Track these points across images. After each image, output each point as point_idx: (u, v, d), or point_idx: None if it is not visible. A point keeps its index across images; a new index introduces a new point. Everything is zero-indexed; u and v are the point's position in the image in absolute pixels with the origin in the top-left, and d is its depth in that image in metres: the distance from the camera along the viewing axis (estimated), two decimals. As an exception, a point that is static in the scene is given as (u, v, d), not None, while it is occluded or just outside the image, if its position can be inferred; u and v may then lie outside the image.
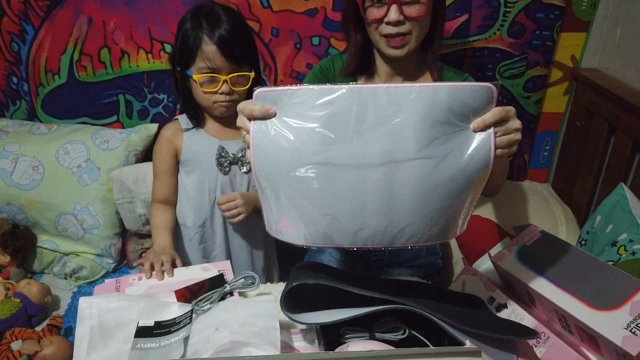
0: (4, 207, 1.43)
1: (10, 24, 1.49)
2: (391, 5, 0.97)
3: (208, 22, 1.08)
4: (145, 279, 0.93)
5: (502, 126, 0.70)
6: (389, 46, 1.03)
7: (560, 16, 1.44)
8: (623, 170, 1.34)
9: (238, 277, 0.89)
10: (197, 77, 1.08)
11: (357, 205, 0.67)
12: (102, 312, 0.78)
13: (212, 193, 1.20)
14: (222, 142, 1.19)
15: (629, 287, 0.87)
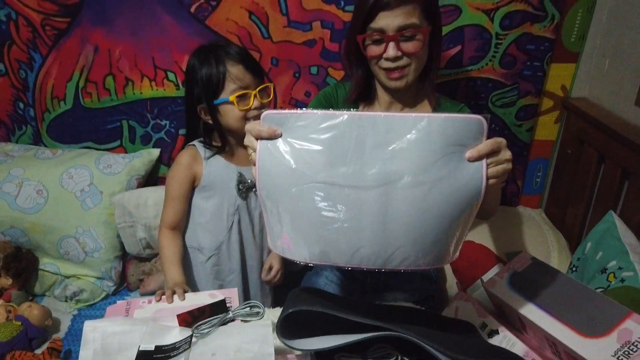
0: (7, 231, 1.45)
1: (19, 52, 1.54)
2: (389, 43, 1.03)
3: (222, 51, 1.16)
4: (155, 302, 0.96)
5: (494, 157, 0.74)
6: (388, 79, 1.08)
7: (550, 48, 1.49)
8: (613, 198, 1.37)
9: (244, 305, 0.91)
10: (233, 97, 1.13)
11: (354, 225, 0.71)
12: (106, 335, 0.80)
13: (230, 217, 1.24)
14: (240, 168, 1.24)
15: (616, 315, 0.89)
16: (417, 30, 1.02)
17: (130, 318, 0.88)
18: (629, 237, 1.23)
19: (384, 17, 1.02)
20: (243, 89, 1.14)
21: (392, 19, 1.01)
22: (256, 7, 1.44)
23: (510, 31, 1.45)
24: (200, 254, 1.26)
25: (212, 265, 1.26)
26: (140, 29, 1.48)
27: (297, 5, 1.43)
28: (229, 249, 1.26)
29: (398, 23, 1.01)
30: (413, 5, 1.02)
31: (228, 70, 1.13)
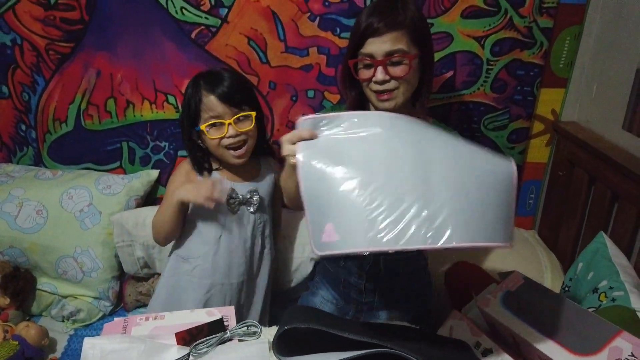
0: (6, 250, 1.47)
1: (23, 76, 1.58)
2: (377, 67, 1.08)
3: (205, 81, 1.21)
4: (152, 319, 0.97)
5: None
6: (378, 100, 1.13)
7: (540, 73, 1.54)
8: (603, 219, 1.40)
9: (241, 324, 0.93)
10: (203, 126, 1.19)
11: (396, 197, 0.77)
12: (105, 353, 0.82)
13: (218, 231, 1.27)
14: (233, 184, 1.28)
15: (607, 334, 0.91)
16: (405, 56, 1.08)
17: (129, 336, 0.89)
18: (620, 258, 1.26)
19: (373, 43, 1.08)
20: (215, 118, 1.18)
21: (380, 45, 1.07)
22: (255, 34, 1.49)
23: (500, 57, 1.50)
24: (187, 263, 1.28)
25: (198, 276, 1.28)
26: (142, 54, 1.52)
27: (295, 31, 1.48)
28: (215, 262, 1.28)
29: (386, 48, 1.07)
30: (401, 32, 1.07)
31: (202, 101, 1.19)
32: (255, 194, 1.30)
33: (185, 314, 1.00)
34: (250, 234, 1.31)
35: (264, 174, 1.35)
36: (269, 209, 1.35)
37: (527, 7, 1.45)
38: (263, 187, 1.33)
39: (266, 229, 1.35)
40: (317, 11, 1.45)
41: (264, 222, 1.34)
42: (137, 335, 0.89)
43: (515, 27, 1.47)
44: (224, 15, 1.47)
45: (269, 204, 1.35)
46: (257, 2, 1.45)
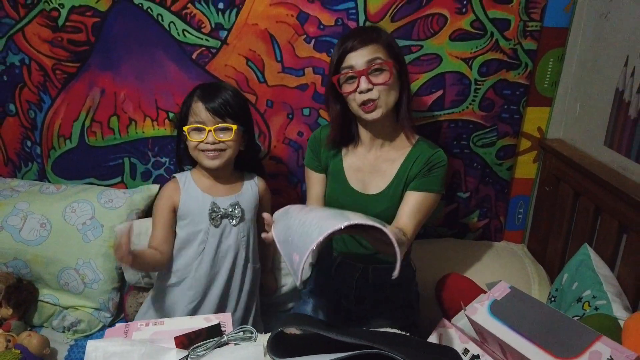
0: (10, 262, 1.51)
1: (30, 94, 1.64)
2: (360, 77, 1.16)
3: (201, 90, 1.31)
4: (152, 325, 1.01)
5: None
6: (364, 112, 1.20)
7: (525, 93, 1.61)
8: (588, 232, 1.45)
9: (237, 329, 0.97)
10: (186, 128, 1.28)
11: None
12: (107, 355, 0.86)
13: (201, 244, 1.32)
14: (215, 198, 1.33)
15: (587, 339, 0.96)
16: (384, 63, 1.16)
17: (130, 339, 0.94)
18: (603, 269, 1.31)
19: (353, 56, 1.18)
20: (198, 123, 1.26)
21: (360, 57, 1.17)
22: (253, 55, 1.56)
23: (487, 77, 1.57)
24: (172, 275, 1.33)
25: (183, 288, 1.33)
26: (145, 74, 1.59)
27: (291, 53, 1.55)
28: (198, 274, 1.33)
29: (365, 58, 1.16)
30: (376, 45, 1.18)
31: (191, 106, 1.28)
32: (236, 207, 1.34)
33: (184, 319, 1.04)
34: (233, 247, 1.35)
35: (247, 188, 1.39)
36: (252, 222, 1.39)
37: (511, 31, 1.53)
38: (245, 200, 1.37)
39: (250, 242, 1.39)
40: (313, 34, 1.53)
41: (247, 235, 1.37)
42: (138, 339, 0.93)
43: (501, 49, 1.54)
44: (224, 37, 1.54)
45: (253, 217, 1.39)
46: (255, 25, 1.52)
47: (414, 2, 1.49)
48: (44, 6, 1.53)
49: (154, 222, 1.34)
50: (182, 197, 1.32)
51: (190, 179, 1.35)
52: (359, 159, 1.32)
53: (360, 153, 1.32)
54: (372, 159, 1.30)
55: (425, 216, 1.27)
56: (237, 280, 1.37)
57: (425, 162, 1.24)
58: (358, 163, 1.32)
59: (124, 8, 1.52)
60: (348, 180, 1.31)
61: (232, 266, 1.35)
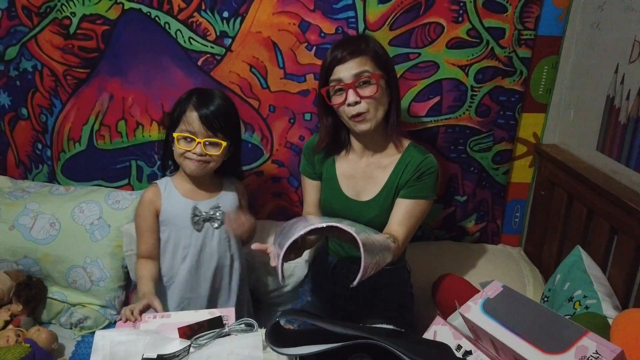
0: (20, 260, 1.56)
1: (41, 99, 1.70)
2: (348, 90, 1.20)
3: (197, 97, 1.30)
4: (159, 318, 1.07)
5: None
6: (354, 124, 1.24)
7: (520, 99, 1.65)
8: (581, 234, 1.49)
9: (238, 322, 1.02)
10: (176, 135, 1.28)
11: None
12: (114, 343, 0.91)
13: (185, 249, 1.35)
14: (196, 202, 1.35)
15: (575, 334, 1.00)
16: (371, 76, 1.20)
17: (136, 329, 0.98)
18: (594, 269, 1.34)
19: (340, 69, 1.21)
20: (189, 133, 1.26)
21: (347, 70, 1.20)
22: (256, 61, 1.62)
23: (483, 84, 1.62)
24: (160, 279, 1.37)
25: (170, 291, 1.37)
26: (152, 80, 1.65)
27: (293, 60, 1.60)
28: (184, 277, 1.36)
29: (353, 72, 1.20)
30: (364, 57, 1.20)
31: (185, 114, 1.28)
32: (217, 210, 1.36)
33: (190, 313, 1.09)
34: (216, 249, 1.37)
35: (226, 190, 1.41)
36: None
37: (507, 39, 1.58)
38: (225, 202, 1.39)
39: (232, 243, 1.41)
40: (314, 41, 1.58)
41: (229, 237, 1.39)
42: (143, 329, 0.98)
43: (497, 57, 1.59)
44: (228, 44, 1.60)
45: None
46: (258, 33, 1.58)
47: (412, 11, 1.54)
48: (56, 15, 1.59)
49: (139, 230, 1.36)
50: (163, 203, 1.34)
51: (170, 184, 1.37)
52: (351, 166, 1.36)
53: (352, 160, 1.36)
54: (363, 166, 1.34)
55: (417, 222, 1.30)
56: (225, 281, 1.41)
57: (415, 169, 1.27)
58: (350, 170, 1.36)
59: (133, 16, 1.58)
60: (341, 187, 1.35)
61: (217, 267, 1.38)
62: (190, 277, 1.37)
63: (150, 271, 1.32)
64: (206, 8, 1.56)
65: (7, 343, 1.35)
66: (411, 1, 1.53)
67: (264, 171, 1.75)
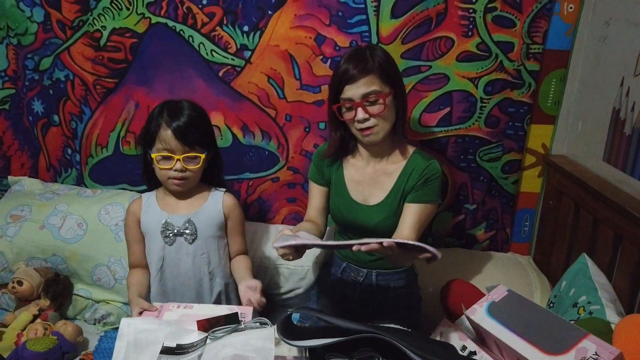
0: (49, 258, 1.65)
1: (72, 107, 1.81)
2: (357, 109, 1.27)
3: (169, 113, 1.29)
4: (182, 308, 1.15)
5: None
6: (363, 136, 1.31)
7: (529, 111, 1.70)
8: (587, 243, 1.52)
9: (255, 320, 1.08)
10: (154, 155, 1.29)
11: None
12: (137, 331, 0.98)
13: (159, 261, 1.36)
14: (169, 216, 1.35)
15: (575, 336, 1.04)
16: (379, 95, 1.26)
17: (159, 319, 1.06)
18: (599, 276, 1.38)
19: (350, 89, 1.27)
20: (167, 151, 1.27)
21: (356, 89, 1.26)
22: (274, 73, 1.70)
23: (492, 96, 1.67)
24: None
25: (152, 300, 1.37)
26: (176, 89, 1.74)
27: (309, 71, 1.68)
28: (161, 289, 1.38)
29: (361, 92, 1.26)
30: (372, 76, 1.26)
31: (159, 132, 1.28)
32: (190, 225, 1.35)
33: (210, 307, 1.17)
34: (191, 265, 1.36)
35: (209, 205, 1.38)
36: (215, 239, 1.38)
37: (515, 52, 1.63)
38: (202, 218, 1.36)
39: (212, 260, 1.38)
40: (329, 54, 1.66)
41: (207, 253, 1.37)
42: (166, 320, 1.05)
43: (505, 70, 1.65)
44: (248, 57, 1.69)
45: (217, 235, 1.38)
46: (276, 46, 1.66)
47: (424, 26, 1.61)
48: (88, 28, 1.70)
49: (128, 240, 1.40)
50: (142, 215, 1.37)
51: (153, 196, 1.40)
52: (358, 172, 1.42)
53: (359, 166, 1.42)
54: (370, 172, 1.40)
55: (424, 225, 1.36)
56: (206, 297, 1.40)
57: (420, 175, 1.33)
58: (358, 176, 1.42)
59: (159, 30, 1.68)
60: (349, 192, 1.42)
61: (196, 284, 1.38)
62: (160, 290, 1.38)
63: (137, 278, 1.35)
64: (228, 22, 1.65)
65: (36, 335, 1.43)
66: (423, 16, 1.60)
67: (280, 177, 1.82)
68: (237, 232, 1.42)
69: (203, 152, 1.31)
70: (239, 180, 1.82)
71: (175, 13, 1.66)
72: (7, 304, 1.68)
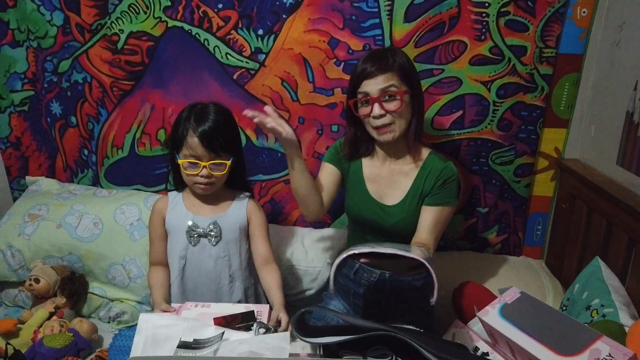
0: (66, 256, 1.68)
1: (90, 108, 1.84)
2: (374, 104, 1.28)
3: (196, 118, 1.31)
4: (200, 307, 1.16)
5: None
6: (378, 134, 1.32)
7: (542, 114, 1.70)
8: (600, 246, 1.52)
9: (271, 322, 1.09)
10: (181, 161, 1.31)
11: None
12: (156, 327, 0.99)
13: (181, 260, 1.39)
14: (195, 217, 1.38)
15: (589, 337, 1.04)
16: (397, 92, 1.27)
17: (176, 316, 1.07)
18: (612, 280, 1.37)
19: (368, 83, 1.28)
20: (193, 157, 1.29)
21: (374, 85, 1.28)
22: (287, 76, 1.72)
23: (505, 99, 1.68)
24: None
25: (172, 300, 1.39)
26: (191, 92, 1.76)
27: (322, 74, 1.70)
28: (181, 289, 1.40)
29: (380, 86, 1.27)
30: (391, 73, 1.28)
31: (187, 139, 1.29)
32: (215, 227, 1.37)
33: (227, 305, 1.19)
34: (212, 267, 1.38)
35: (234, 208, 1.40)
36: (238, 243, 1.40)
37: (528, 56, 1.64)
38: (227, 221, 1.38)
39: (233, 263, 1.40)
40: (342, 57, 1.68)
41: (229, 256, 1.39)
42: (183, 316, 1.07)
43: (518, 73, 1.65)
44: (262, 60, 1.71)
45: (239, 239, 1.40)
46: (290, 49, 1.68)
47: (436, 30, 1.62)
48: (106, 31, 1.73)
49: (150, 237, 1.43)
50: (168, 214, 1.39)
51: (180, 196, 1.42)
52: (375, 170, 1.43)
53: (376, 165, 1.44)
54: (387, 172, 1.42)
55: (443, 228, 1.37)
56: (225, 300, 1.40)
57: (438, 176, 1.35)
58: (374, 175, 1.43)
59: (175, 33, 1.71)
60: (367, 188, 1.43)
61: (215, 285, 1.39)
62: (180, 289, 1.40)
63: (159, 279, 1.38)
64: (243, 26, 1.68)
65: (52, 332, 1.45)
66: (435, 20, 1.61)
67: (292, 180, 1.83)
68: (260, 236, 1.42)
69: (229, 159, 1.33)
70: (252, 182, 1.84)
71: (192, 17, 1.69)
72: (24, 302, 1.71)
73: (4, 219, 1.77)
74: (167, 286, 1.39)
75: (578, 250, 1.65)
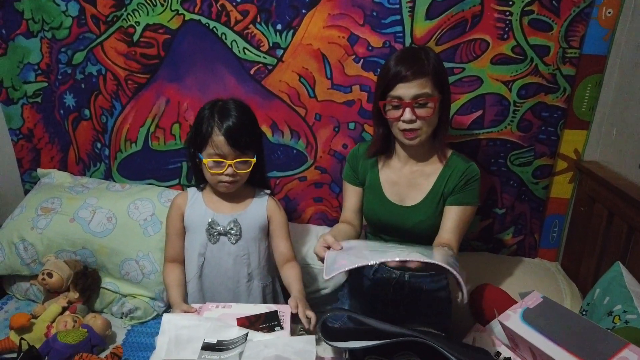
0: (79, 251, 1.66)
1: (103, 101, 1.82)
2: (405, 109, 1.25)
3: (219, 116, 1.29)
4: (222, 308, 1.15)
5: None
6: (405, 138, 1.30)
7: (563, 116, 1.68)
8: (620, 251, 1.50)
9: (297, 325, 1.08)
10: (206, 161, 1.29)
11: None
12: (178, 327, 0.98)
13: (200, 257, 1.38)
14: (216, 214, 1.37)
15: (616, 345, 1.03)
16: (429, 99, 1.25)
17: (199, 316, 1.06)
18: (634, 285, 1.35)
19: (402, 87, 1.25)
20: (219, 156, 1.28)
21: (408, 89, 1.25)
22: (305, 72, 1.69)
23: (526, 100, 1.65)
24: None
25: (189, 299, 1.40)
26: (207, 86, 1.74)
27: (341, 71, 1.67)
28: (199, 287, 1.40)
29: (413, 92, 1.24)
30: (426, 78, 1.25)
31: (212, 137, 1.28)
32: (235, 224, 1.36)
33: (249, 306, 1.17)
34: (231, 265, 1.37)
35: (254, 206, 1.40)
36: (257, 242, 1.40)
37: (551, 56, 1.61)
38: (247, 219, 1.38)
39: (252, 262, 1.39)
40: (362, 54, 1.65)
41: (248, 255, 1.38)
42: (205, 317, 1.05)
43: (540, 74, 1.63)
44: (280, 55, 1.68)
45: (259, 238, 1.40)
46: (309, 45, 1.66)
47: (458, 28, 1.60)
48: (122, 23, 1.71)
49: (167, 233, 1.43)
50: (187, 210, 1.39)
51: (199, 193, 1.41)
52: (394, 172, 1.41)
53: (395, 167, 1.41)
54: (407, 174, 1.40)
55: (466, 228, 1.36)
56: (243, 298, 1.40)
57: (461, 176, 1.33)
58: (394, 177, 1.41)
59: (193, 27, 1.68)
60: (385, 192, 1.41)
61: (233, 284, 1.39)
62: (198, 287, 1.40)
63: (176, 278, 1.37)
64: (261, 20, 1.65)
65: (65, 327, 1.44)
66: (458, 18, 1.58)
67: (307, 177, 1.82)
68: (280, 235, 1.42)
69: (253, 156, 1.33)
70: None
71: (209, 10, 1.66)
72: (35, 295, 1.70)
73: (16, 211, 1.75)
74: (184, 285, 1.38)
75: (596, 254, 1.63)
